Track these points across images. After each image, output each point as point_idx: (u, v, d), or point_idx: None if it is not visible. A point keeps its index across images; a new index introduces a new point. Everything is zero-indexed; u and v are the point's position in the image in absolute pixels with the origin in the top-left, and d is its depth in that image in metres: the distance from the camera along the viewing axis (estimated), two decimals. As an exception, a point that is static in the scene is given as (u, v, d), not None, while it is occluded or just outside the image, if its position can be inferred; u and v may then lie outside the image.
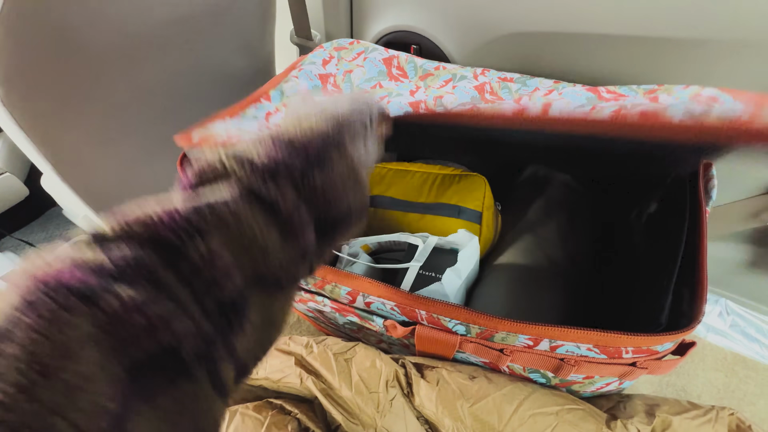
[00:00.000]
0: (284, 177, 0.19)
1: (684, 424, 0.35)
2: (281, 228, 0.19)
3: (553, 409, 0.35)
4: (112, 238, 0.15)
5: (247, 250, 0.18)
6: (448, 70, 0.62)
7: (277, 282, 0.19)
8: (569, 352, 0.33)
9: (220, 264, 0.16)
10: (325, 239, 0.22)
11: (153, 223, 0.16)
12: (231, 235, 0.17)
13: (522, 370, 0.38)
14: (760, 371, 0.59)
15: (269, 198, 0.19)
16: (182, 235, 0.16)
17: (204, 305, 0.16)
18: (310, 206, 0.20)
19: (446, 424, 0.37)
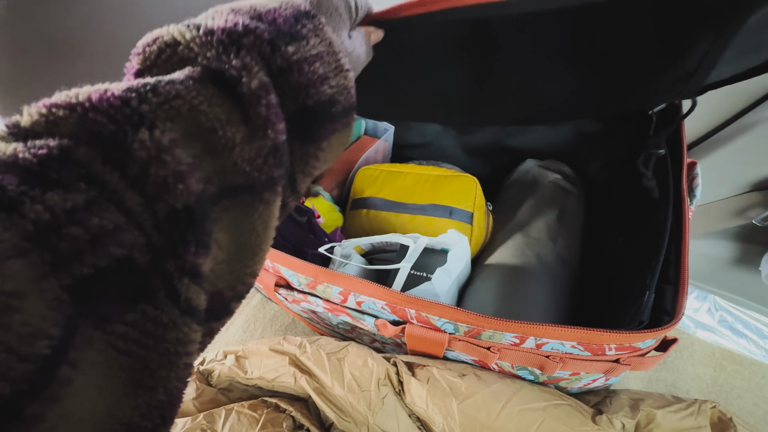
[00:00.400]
0: (249, 45, 0.15)
1: (667, 417, 0.36)
2: (246, 118, 0.15)
3: (541, 404, 0.36)
4: (32, 127, 0.12)
5: (205, 146, 0.14)
6: None
7: (249, 186, 0.15)
8: (554, 349, 0.34)
9: (170, 162, 0.13)
10: (307, 140, 0.18)
11: (80, 104, 0.12)
12: (184, 125, 0.14)
13: (510, 367, 0.39)
14: (747, 366, 0.60)
15: (230, 73, 0.15)
16: (121, 122, 0.12)
17: (155, 213, 0.13)
18: (282, 87, 0.16)
19: (437, 421, 0.38)
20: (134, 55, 0.16)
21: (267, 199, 0.16)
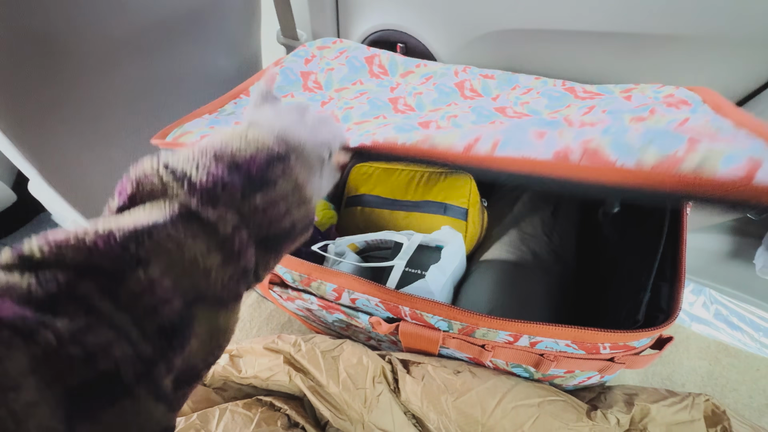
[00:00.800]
0: (224, 200, 0.19)
1: (661, 411, 0.36)
2: (221, 250, 0.19)
3: (535, 401, 0.36)
4: (42, 261, 0.15)
5: (188, 274, 0.18)
6: (428, 68, 0.62)
7: (219, 300, 0.19)
8: (548, 347, 0.33)
9: (159, 291, 0.16)
10: (269, 254, 0.22)
11: (87, 248, 0.15)
12: (171, 260, 0.17)
13: (505, 364, 0.39)
14: (742, 359, 0.60)
15: (209, 220, 0.18)
16: (121, 264, 0.16)
17: (143, 329, 0.16)
18: (252, 226, 0.20)
19: (431, 418, 0.38)
20: (128, 181, 0.20)
21: (232, 307, 0.20)
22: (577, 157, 0.24)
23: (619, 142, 0.25)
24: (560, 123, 0.34)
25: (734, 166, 0.21)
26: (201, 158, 0.20)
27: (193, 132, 0.45)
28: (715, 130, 0.27)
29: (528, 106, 0.49)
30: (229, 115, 0.52)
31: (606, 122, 0.33)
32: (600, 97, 0.48)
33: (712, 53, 0.51)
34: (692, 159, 0.22)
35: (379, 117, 0.52)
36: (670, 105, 0.37)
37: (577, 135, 0.27)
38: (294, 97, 0.57)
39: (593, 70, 0.60)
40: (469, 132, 0.29)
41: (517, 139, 0.27)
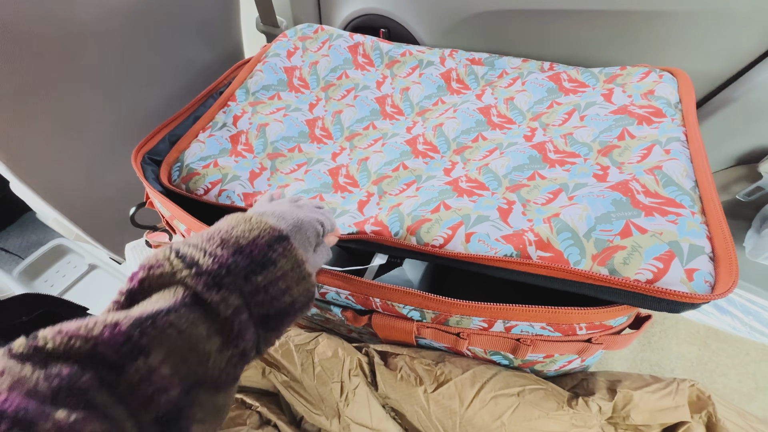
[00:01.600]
0: (228, 283, 0.20)
1: (645, 397, 0.35)
2: (222, 333, 0.20)
3: (515, 390, 0.35)
4: (52, 352, 0.16)
5: (187, 360, 0.18)
6: (414, 56, 0.60)
7: (217, 384, 0.20)
8: (524, 331, 0.32)
9: (157, 380, 0.17)
10: (269, 331, 0.23)
11: (94, 338, 0.16)
12: (172, 347, 0.18)
13: (483, 353, 0.38)
14: (731, 343, 0.59)
15: (212, 303, 0.19)
16: (122, 353, 0.16)
17: (139, 419, 0.16)
18: (253, 306, 0.21)
19: (409, 411, 0.37)
20: (141, 269, 0.20)
21: (230, 389, 0.21)
22: (533, 249, 0.31)
23: (567, 230, 0.31)
24: (533, 158, 0.40)
25: (650, 263, 0.28)
26: (209, 245, 0.21)
27: (199, 173, 0.46)
28: (654, 191, 0.32)
29: (512, 104, 0.48)
30: (221, 129, 0.51)
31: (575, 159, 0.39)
32: (583, 91, 0.47)
33: (699, 29, 0.50)
34: (620, 255, 0.29)
35: (368, 127, 0.53)
36: (641, 120, 0.40)
37: (539, 211, 0.34)
38: (281, 99, 0.56)
39: (580, 49, 0.59)
40: (450, 214, 0.35)
41: (485, 228, 0.33)
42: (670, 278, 0.27)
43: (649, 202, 0.32)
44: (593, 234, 0.30)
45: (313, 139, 0.52)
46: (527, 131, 0.45)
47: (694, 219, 0.30)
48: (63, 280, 1.09)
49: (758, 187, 0.55)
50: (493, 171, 0.40)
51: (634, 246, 0.29)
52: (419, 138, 0.48)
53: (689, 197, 0.32)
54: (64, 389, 0.15)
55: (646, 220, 0.30)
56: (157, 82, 0.66)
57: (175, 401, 0.17)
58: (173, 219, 0.43)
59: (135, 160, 0.46)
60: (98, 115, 0.59)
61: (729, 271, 0.26)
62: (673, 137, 0.37)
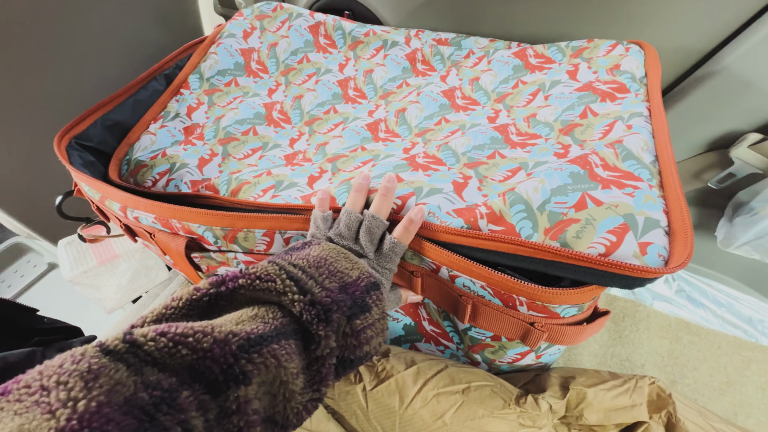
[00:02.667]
0: (335, 320, 0.20)
1: (599, 395, 0.32)
2: (307, 370, 0.19)
3: (460, 387, 0.32)
4: (150, 354, 0.15)
5: (273, 394, 0.18)
6: (378, 36, 0.57)
7: (285, 426, 0.19)
8: (465, 286, 0.30)
9: (249, 413, 0.16)
10: (339, 373, 0.22)
11: (202, 350, 0.15)
12: (267, 377, 0.17)
13: (437, 314, 0.35)
14: (703, 336, 0.57)
15: (316, 333, 0.19)
16: (227, 375, 0.15)
17: None
18: (344, 349, 0.21)
19: (347, 411, 0.34)
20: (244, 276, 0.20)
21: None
22: (485, 222, 0.29)
23: (520, 202, 0.29)
24: (495, 139, 0.38)
25: (603, 236, 0.26)
26: (317, 273, 0.21)
27: (147, 164, 0.43)
28: (613, 164, 0.31)
29: (477, 84, 0.46)
30: (174, 119, 0.48)
31: (537, 140, 0.37)
32: (549, 67, 0.45)
33: (671, 4, 0.47)
34: (573, 228, 0.27)
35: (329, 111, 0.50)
36: (605, 97, 0.38)
37: (494, 187, 0.32)
38: (238, 85, 0.53)
39: (549, 27, 0.56)
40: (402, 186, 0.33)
41: (437, 200, 0.31)
42: (623, 252, 0.26)
43: (607, 176, 0.30)
44: (547, 207, 0.29)
45: (270, 122, 0.49)
46: (491, 113, 0.43)
47: (652, 192, 0.28)
48: (21, 280, 1.05)
49: (730, 173, 0.53)
50: (452, 148, 0.38)
51: (588, 219, 0.27)
52: (381, 124, 0.46)
53: (648, 171, 0.30)
54: (165, 403, 0.14)
55: (602, 192, 0.29)
56: (102, 65, 0.62)
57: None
58: (104, 200, 0.39)
59: (58, 144, 0.42)
60: (33, 100, 0.55)
61: (684, 245, 0.25)
62: (635, 112, 0.35)
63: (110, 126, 0.47)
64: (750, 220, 0.51)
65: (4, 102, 0.52)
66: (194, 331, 0.16)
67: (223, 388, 0.15)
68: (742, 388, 0.53)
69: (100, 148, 0.46)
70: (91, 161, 0.45)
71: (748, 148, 0.49)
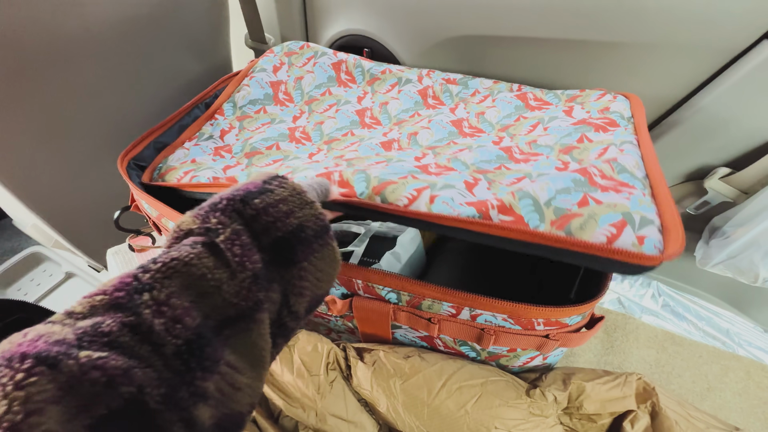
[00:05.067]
0: (224, 207, 0.21)
1: (596, 388, 0.38)
2: (227, 263, 0.20)
3: (478, 381, 0.38)
4: (81, 312, 0.17)
5: (203, 292, 0.19)
6: (394, 74, 0.65)
7: (241, 314, 0.20)
8: (488, 321, 0.35)
9: (167, 311, 0.18)
10: (288, 266, 0.22)
11: (108, 290, 0.18)
12: (180, 279, 0.19)
13: (453, 342, 0.41)
14: (686, 346, 0.64)
15: (210, 229, 0.21)
16: (131, 292, 0.17)
17: (163, 354, 0.17)
18: (258, 230, 0.22)
19: (381, 402, 0.39)
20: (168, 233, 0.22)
21: (259, 319, 0.21)
22: (495, 213, 0.32)
23: (528, 197, 0.32)
24: (500, 156, 0.42)
25: (605, 228, 0.29)
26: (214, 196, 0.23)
27: (176, 168, 0.47)
28: (610, 175, 0.35)
29: (483, 117, 0.52)
30: (207, 140, 0.53)
31: (538, 156, 0.41)
32: (547, 108, 0.52)
33: (649, 58, 0.55)
34: (577, 221, 0.30)
35: (347, 134, 0.56)
36: (598, 129, 0.43)
37: (502, 189, 0.35)
38: (266, 112, 0.59)
39: (545, 72, 0.64)
40: (417, 182, 0.36)
41: (450, 193, 0.34)
42: (622, 242, 0.29)
43: (605, 183, 0.34)
44: (553, 202, 0.32)
45: (292, 139, 0.54)
46: (495, 138, 0.48)
47: (645, 198, 0.32)
48: (38, 288, 1.07)
49: (705, 201, 0.60)
50: (461, 160, 0.42)
51: (591, 214, 0.31)
52: (394, 143, 0.51)
53: (641, 183, 0.34)
54: (88, 334, 0.16)
55: (602, 194, 0.32)
56: (144, 92, 0.68)
57: (193, 330, 0.18)
58: (161, 218, 0.45)
59: (121, 164, 0.47)
60: (84, 123, 0.61)
61: (676, 238, 0.28)
62: (626, 140, 0.40)
63: (160, 148, 0.53)
64: (723, 243, 0.59)
65: (58, 122, 0.58)
66: (105, 282, 0.18)
67: (132, 304, 0.17)
68: (721, 394, 0.59)
69: (150, 168, 0.52)
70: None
71: (719, 180, 0.57)
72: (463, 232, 0.32)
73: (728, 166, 0.57)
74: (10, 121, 0.52)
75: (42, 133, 0.56)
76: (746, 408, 0.57)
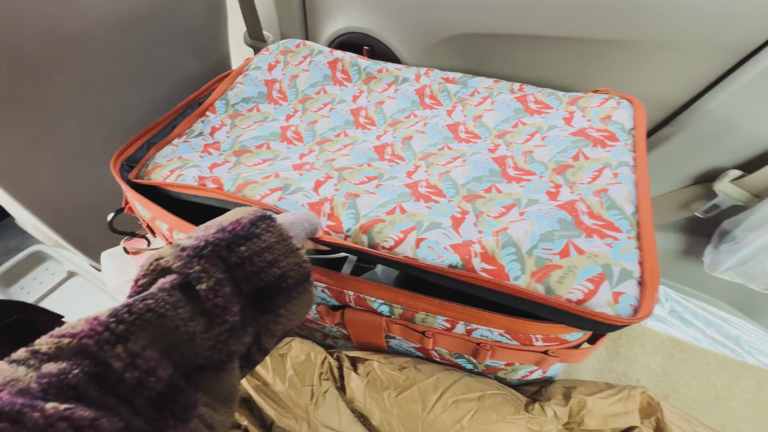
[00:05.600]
0: (208, 254, 0.21)
1: (597, 403, 0.36)
2: (204, 312, 0.20)
3: (475, 395, 0.37)
4: (47, 354, 0.17)
5: (174, 342, 0.19)
6: (391, 72, 0.63)
7: (213, 365, 0.20)
8: (483, 336, 0.34)
9: (141, 364, 0.17)
10: (266, 312, 0.22)
11: (77, 334, 0.17)
12: (156, 332, 0.18)
13: (449, 355, 0.39)
14: (694, 354, 0.62)
15: (193, 276, 0.20)
16: (102, 343, 0.17)
17: (133, 405, 0.17)
18: (240, 279, 0.21)
19: (375, 415, 0.38)
20: (140, 272, 0.21)
21: (229, 369, 0.20)
22: (478, 261, 0.33)
23: (511, 245, 0.33)
24: (493, 171, 0.42)
25: (582, 284, 0.30)
26: (196, 231, 0.22)
27: (162, 165, 0.46)
28: (597, 213, 0.35)
29: (480, 121, 0.51)
30: (197, 137, 0.52)
31: (531, 176, 0.41)
32: (547, 112, 0.50)
33: (656, 58, 0.53)
34: (557, 274, 0.31)
35: (340, 134, 0.54)
36: (597, 143, 0.43)
37: (489, 224, 0.36)
38: (259, 111, 0.58)
39: (548, 71, 0.62)
40: (405, 218, 0.36)
41: (436, 235, 0.35)
42: (598, 299, 0.29)
43: (591, 224, 0.34)
44: (535, 251, 0.32)
45: (283, 139, 0.53)
46: (491, 146, 0.47)
47: (629, 243, 0.32)
48: (40, 287, 1.08)
49: (715, 204, 0.58)
50: (452, 179, 0.42)
51: (570, 266, 0.31)
52: (387, 148, 0.50)
53: (628, 222, 0.34)
54: (54, 386, 0.15)
55: (585, 241, 0.32)
56: (142, 91, 0.67)
57: (166, 381, 0.18)
58: (155, 220, 0.44)
59: (114, 166, 0.47)
60: (81, 121, 0.60)
61: (651, 298, 0.28)
62: (623, 161, 0.40)
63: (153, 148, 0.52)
64: (733, 248, 0.57)
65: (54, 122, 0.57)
66: (73, 324, 0.17)
67: (103, 355, 0.17)
68: (730, 404, 0.58)
69: (144, 169, 0.51)
70: (138, 181, 0.50)
71: (730, 183, 0.55)
72: (447, 279, 0.32)
73: (739, 168, 0.55)
74: (5, 122, 0.51)
75: (38, 134, 0.56)
76: (756, 419, 0.55)
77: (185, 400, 0.18)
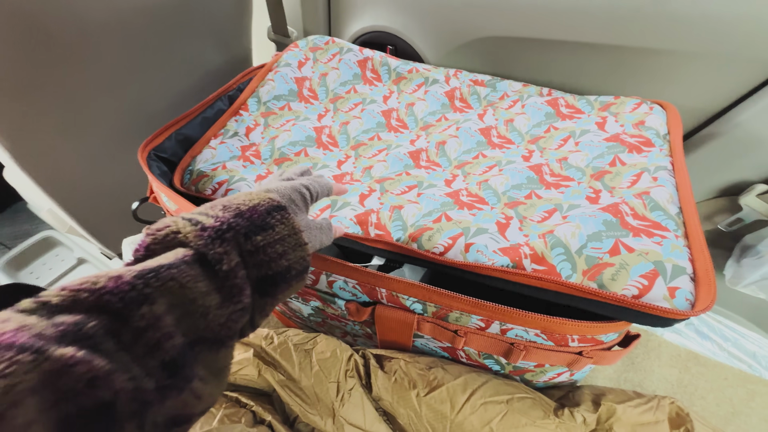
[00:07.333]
0: (230, 238, 0.21)
1: (627, 411, 0.36)
2: (221, 289, 0.21)
3: (504, 397, 0.36)
4: (58, 305, 0.16)
5: (189, 313, 0.19)
6: (420, 74, 0.63)
7: (218, 340, 0.20)
8: (518, 336, 0.34)
9: (163, 326, 0.18)
10: (266, 296, 0.23)
11: (98, 289, 0.17)
12: (174, 300, 0.19)
13: (477, 355, 0.39)
14: (710, 367, 0.61)
15: (213, 259, 0.20)
16: (127, 301, 0.17)
17: (146, 365, 0.17)
18: (251, 266, 0.22)
19: (401, 414, 0.38)
20: (147, 234, 0.21)
21: (229, 345, 0.22)
22: (528, 262, 0.33)
23: (560, 245, 0.33)
24: (531, 179, 0.42)
25: (636, 280, 0.30)
26: (212, 210, 0.23)
27: (208, 175, 0.47)
28: (642, 214, 0.35)
29: (512, 125, 0.51)
30: (233, 137, 0.53)
31: (570, 182, 0.41)
32: (579, 117, 0.50)
33: (688, 68, 0.53)
34: (609, 271, 0.31)
35: (374, 137, 0.55)
36: (632, 149, 0.43)
37: (534, 228, 0.36)
38: (291, 109, 0.59)
39: (578, 77, 0.62)
40: (451, 226, 0.37)
41: (484, 239, 0.35)
42: (653, 294, 0.29)
43: (636, 224, 0.34)
44: (584, 251, 0.32)
45: (319, 144, 0.54)
46: (525, 153, 0.47)
47: (678, 242, 0.32)
48: (50, 273, 1.08)
49: (739, 218, 0.58)
50: (492, 187, 0.42)
51: (622, 264, 0.31)
52: (422, 153, 0.50)
53: (674, 222, 0.34)
54: (71, 333, 0.15)
55: (633, 240, 0.32)
56: (167, 81, 0.67)
57: (179, 349, 0.18)
58: (180, 212, 0.44)
59: (141, 155, 0.47)
60: (106, 109, 0.60)
61: (708, 291, 0.29)
62: (660, 166, 0.39)
63: (181, 140, 0.52)
64: (757, 262, 0.56)
65: (80, 109, 0.57)
66: (90, 278, 0.17)
67: (127, 312, 0.17)
68: (746, 419, 0.57)
69: (171, 159, 0.51)
70: (165, 171, 0.50)
71: (757, 197, 0.54)
72: (499, 280, 0.33)
73: (766, 183, 0.55)
74: (33, 107, 0.51)
75: (64, 120, 0.56)
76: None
77: (189, 371, 0.19)
